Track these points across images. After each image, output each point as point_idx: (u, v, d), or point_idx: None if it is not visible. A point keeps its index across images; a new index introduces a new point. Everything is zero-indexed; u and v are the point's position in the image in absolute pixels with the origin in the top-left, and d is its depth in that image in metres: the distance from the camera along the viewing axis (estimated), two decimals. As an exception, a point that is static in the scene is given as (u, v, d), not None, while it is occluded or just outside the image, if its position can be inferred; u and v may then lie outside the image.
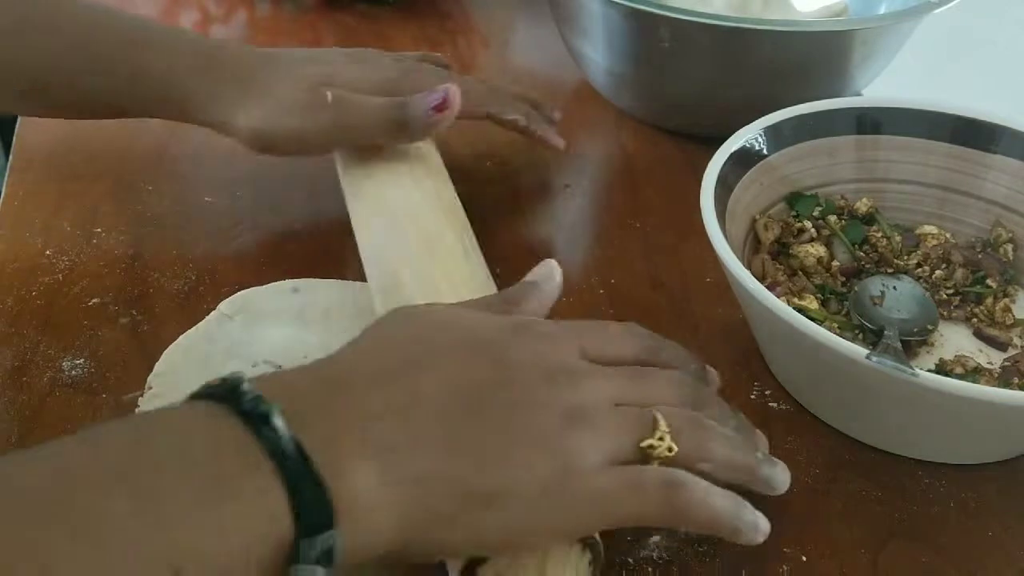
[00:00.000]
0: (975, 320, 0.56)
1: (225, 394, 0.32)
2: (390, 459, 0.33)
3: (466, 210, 0.57)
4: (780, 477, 0.40)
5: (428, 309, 0.41)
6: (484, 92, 0.64)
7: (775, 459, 0.41)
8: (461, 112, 0.56)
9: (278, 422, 0.31)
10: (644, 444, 0.37)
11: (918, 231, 0.61)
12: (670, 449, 0.37)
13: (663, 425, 0.37)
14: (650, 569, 0.43)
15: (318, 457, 0.31)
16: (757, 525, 0.38)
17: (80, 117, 0.61)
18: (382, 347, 0.38)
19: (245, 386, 0.32)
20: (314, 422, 0.32)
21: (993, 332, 0.55)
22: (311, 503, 0.30)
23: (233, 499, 0.29)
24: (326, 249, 0.59)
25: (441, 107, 0.55)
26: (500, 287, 0.58)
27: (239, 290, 0.55)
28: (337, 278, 0.56)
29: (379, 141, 0.57)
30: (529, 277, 0.45)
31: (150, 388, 0.49)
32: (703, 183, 0.52)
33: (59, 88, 0.55)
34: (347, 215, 0.56)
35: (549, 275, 0.45)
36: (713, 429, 0.39)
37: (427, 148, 0.60)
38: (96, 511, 0.28)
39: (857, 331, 0.54)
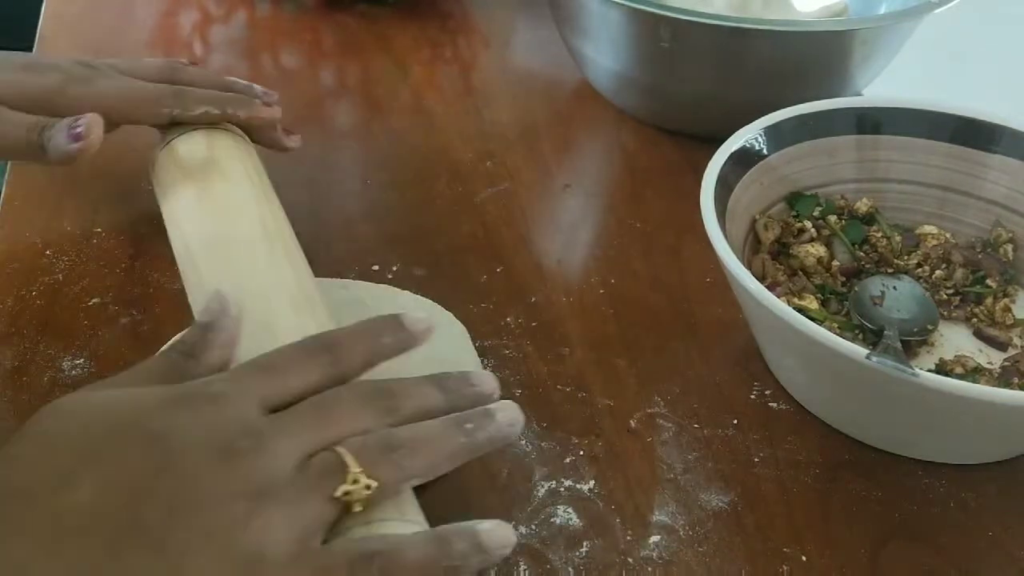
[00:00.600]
0: (975, 320, 0.56)
1: None
2: None
3: (466, 210, 0.56)
4: (504, 428, 0.37)
5: (81, 400, 0.35)
6: (161, 93, 0.54)
7: (490, 409, 0.37)
8: (136, 120, 0.53)
9: None
10: (339, 494, 0.33)
11: (918, 231, 0.61)
12: (368, 487, 0.33)
13: (353, 466, 0.33)
14: (650, 569, 0.43)
15: None
16: (481, 546, 0.34)
17: None
18: (29, 463, 0.32)
19: None
20: None
21: (993, 332, 0.55)
22: None
23: None
24: (326, 249, 0.59)
25: (78, 137, 0.49)
26: (500, 287, 0.58)
27: (239, 290, 0.55)
28: (336, 278, 0.56)
29: (20, 160, 0.52)
30: (201, 316, 0.39)
31: None
32: (703, 183, 0.52)
33: None
34: (344, 215, 0.56)
35: (221, 311, 0.39)
36: (410, 442, 0.35)
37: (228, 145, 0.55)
38: None
39: (857, 331, 0.54)
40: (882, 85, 0.74)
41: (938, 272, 0.58)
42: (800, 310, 0.48)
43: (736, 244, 0.54)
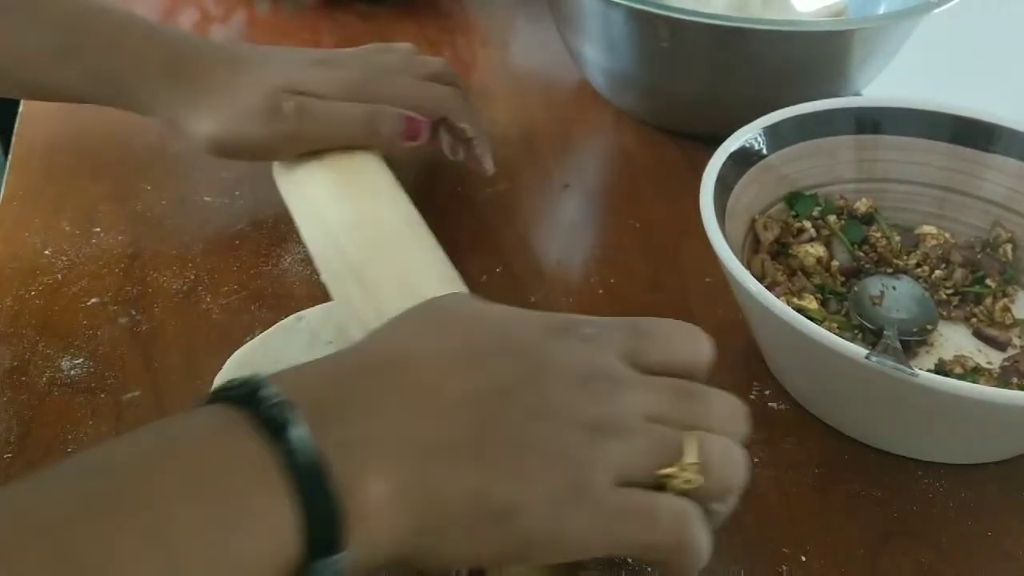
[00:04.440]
0: (975, 320, 0.56)
1: (245, 398, 0.31)
2: (407, 469, 0.32)
3: (465, 209, 0.57)
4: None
5: (461, 301, 0.40)
6: (448, 96, 0.61)
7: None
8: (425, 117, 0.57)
9: (296, 433, 0.30)
10: (662, 472, 0.35)
11: (917, 231, 0.61)
12: (687, 482, 0.35)
13: (690, 457, 0.35)
14: (650, 569, 0.43)
15: (336, 467, 0.30)
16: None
17: (34, 99, 0.60)
18: (410, 337, 0.36)
19: (264, 391, 0.31)
20: (335, 423, 0.31)
21: (992, 332, 0.55)
22: (324, 523, 0.29)
23: (245, 525, 0.29)
24: (326, 249, 0.59)
25: (410, 135, 0.56)
26: (500, 287, 0.58)
27: (239, 290, 0.55)
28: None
29: (341, 144, 0.56)
30: None
31: None
32: (703, 183, 0.52)
33: (23, 71, 0.55)
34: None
35: None
36: (744, 469, 0.37)
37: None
38: (104, 549, 0.27)
39: (857, 331, 0.54)
40: (882, 85, 0.74)
41: (938, 272, 0.58)
42: (800, 310, 0.48)
43: (736, 244, 0.54)
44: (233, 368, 0.49)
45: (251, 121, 0.54)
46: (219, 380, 0.49)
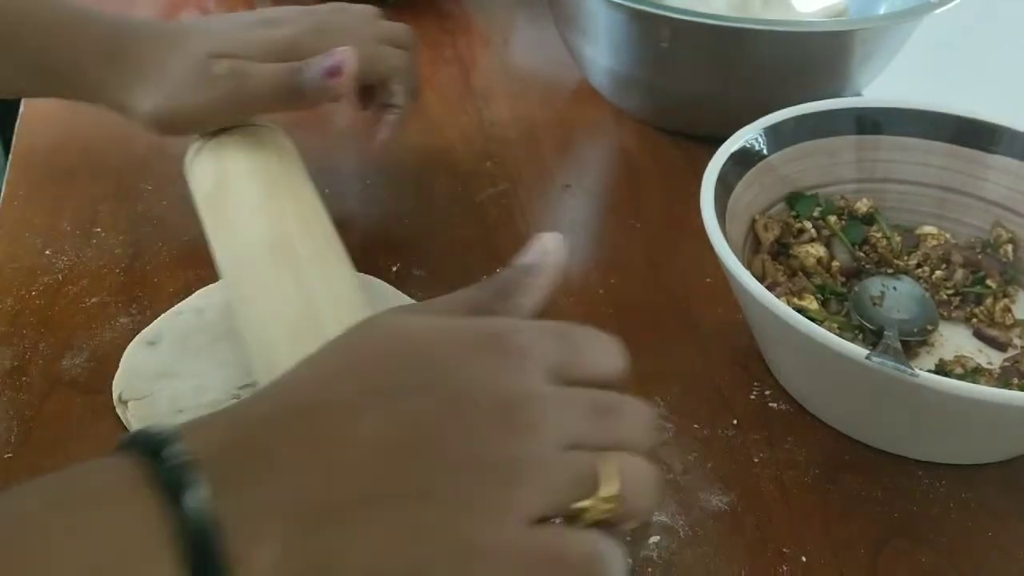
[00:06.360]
0: (975, 320, 0.56)
1: (152, 450, 0.30)
2: (301, 534, 0.30)
3: (466, 210, 0.57)
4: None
5: (398, 324, 0.37)
6: (395, 60, 0.59)
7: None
8: (362, 79, 0.55)
9: (194, 497, 0.29)
10: (578, 507, 0.33)
11: (918, 231, 0.61)
12: (604, 512, 0.33)
13: (608, 489, 0.33)
14: (650, 569, 0.43)
15: (230, 535, 0.29)
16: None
17: None
18: (324, 379, 0.34)
19: (168, 450, 0.30)
20: (236, 484, 0.30)
21: (993, 332, 0.55)
22: None
23: None
24: (326, 249, 0.59)
25: (334, 72, 0.52)
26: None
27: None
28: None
29: (277, 110, 0.55)
30: (525, 258, 0.39)
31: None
32: (703, 183, 0.52)
33: None
34: (344, 215, 0.56)
35: (544, 250, 0.39)
36: (658, 490, 0.36)
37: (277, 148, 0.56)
38: None
39: (857, 331, 0.54)
40: (882, 85, 0.75)
41: (938, 272, 0.58)
42: (800, 310, 0.48)
43: (736, 244, 0.54)
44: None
45: (186, 92, 0.53)
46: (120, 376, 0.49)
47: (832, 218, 0.59)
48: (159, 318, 0.52)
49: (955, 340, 0.56)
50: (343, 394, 0.33)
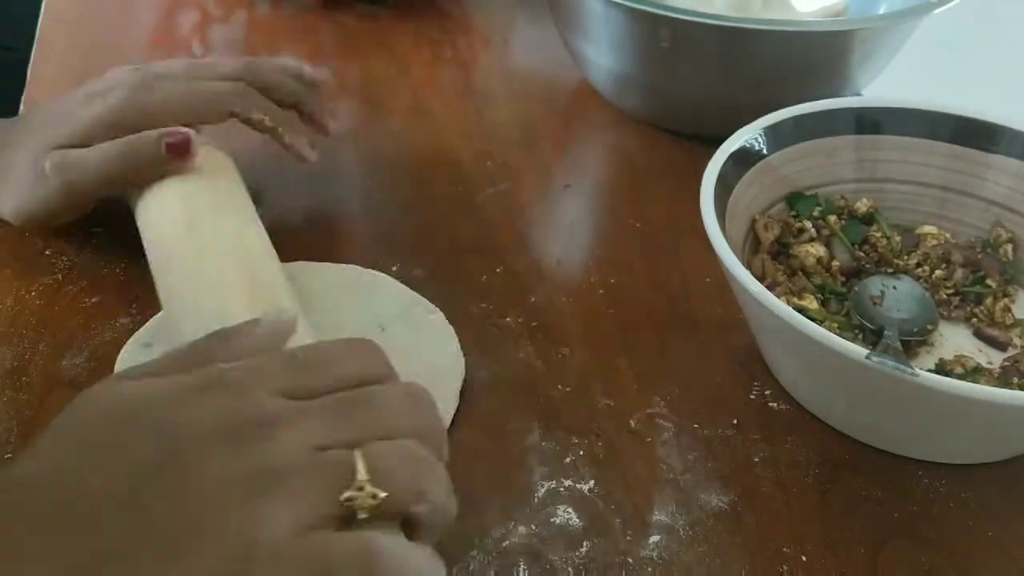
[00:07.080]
0: (975, 320, 0.56)
1: None
2: None
3: (466, 210, 0.57)
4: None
5: (108, 390, 0.36)
6: (227, 91, 0.57)
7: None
8: (204, 121, 0.55)
9: None
10: (343, 498, 0.32)
11: (918, 231, 0.61)
12: (374, 496, 0.33)
13: (362, 473, 0.33)
14: (650, 569, 0.43)
15: None
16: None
17: None
18: (52, 455, 0.33)
19: None
20: None
21: (993, 332, 0.55)
22: None
23: None
24: (326, 249, 0.59)
25: (177, 151, 0.52)
26: (500, 287, 0.58)
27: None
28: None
29: (121, 187, 0.54)
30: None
31: None
32: (703, 183, 0.52)
33: None
34: (344, 215, 0.56)
35: (278, 311, 0.40)
36: (434, 466, 0.35)
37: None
38: None
39: (857, 331, 0.54)
40: (882, 85, 0.74)
41: (938, 272, 0.58)
42: (800, 310, 0.48)
43: (736, 244, 0.54)
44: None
45: (29, 192, 0.54)
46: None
47: (832, 218, 0.59)
48: (152, 319, 0.52)
49: (955, 340, 0.56)
50: (59, 462, 0.32)
